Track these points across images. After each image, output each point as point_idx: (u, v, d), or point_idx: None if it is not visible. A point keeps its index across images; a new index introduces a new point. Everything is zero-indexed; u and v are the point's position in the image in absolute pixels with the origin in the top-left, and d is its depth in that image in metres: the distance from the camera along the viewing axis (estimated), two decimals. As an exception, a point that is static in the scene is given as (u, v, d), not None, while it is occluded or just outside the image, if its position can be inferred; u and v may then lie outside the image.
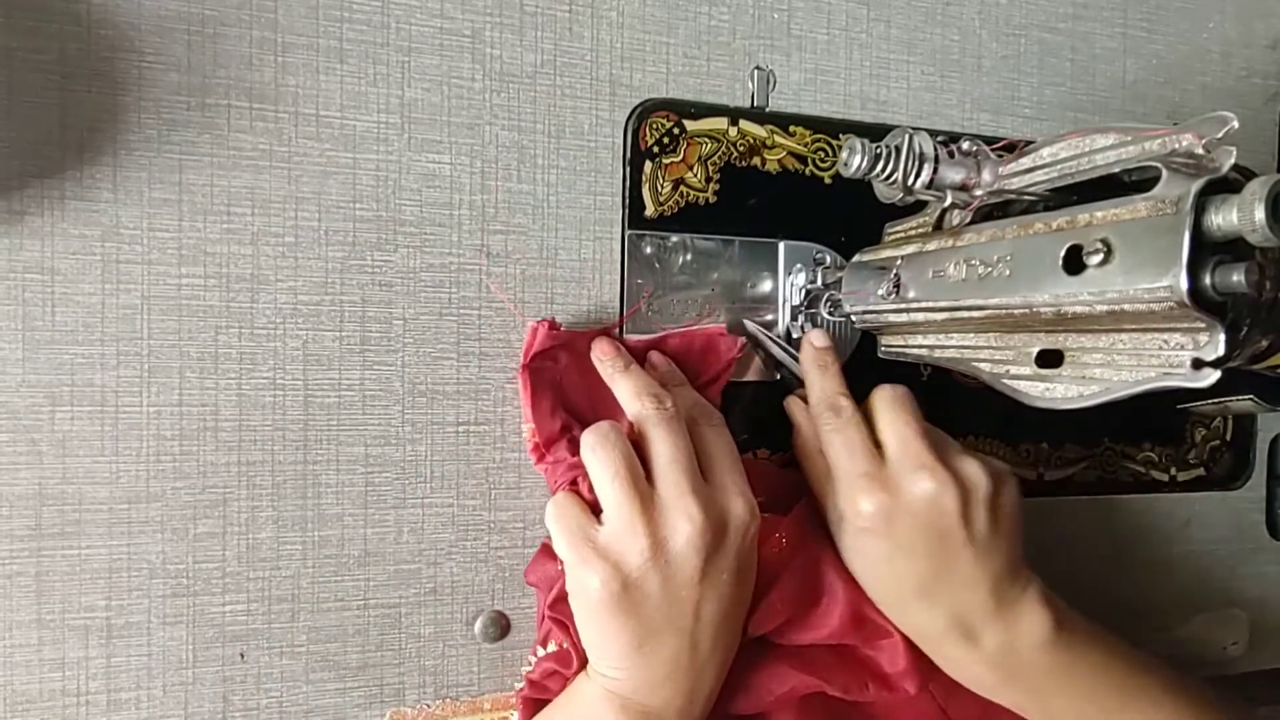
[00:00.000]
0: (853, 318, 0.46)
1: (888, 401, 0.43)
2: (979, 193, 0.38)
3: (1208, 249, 0.29)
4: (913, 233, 0.45)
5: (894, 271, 0.42)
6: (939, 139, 0.37)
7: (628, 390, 0.42)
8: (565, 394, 0.45)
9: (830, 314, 0.48)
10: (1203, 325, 0.29)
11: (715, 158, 0.48)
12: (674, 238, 0.47)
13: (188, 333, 0.41)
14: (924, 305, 0.40)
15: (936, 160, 0.37)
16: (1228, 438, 0.59)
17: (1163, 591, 0.58)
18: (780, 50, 0.49)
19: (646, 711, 0.38)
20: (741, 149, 0.48)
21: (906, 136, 0.37)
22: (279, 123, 0.41)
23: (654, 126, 0.47)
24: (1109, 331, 0.33)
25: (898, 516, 0.40)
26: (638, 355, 0.45)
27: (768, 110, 0.49)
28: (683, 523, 0.37)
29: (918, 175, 0.37)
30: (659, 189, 0.47)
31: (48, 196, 0.39)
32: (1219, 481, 0.59)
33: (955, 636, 0.41)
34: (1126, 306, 0.31)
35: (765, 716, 0.44)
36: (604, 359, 0.44)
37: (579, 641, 0.40)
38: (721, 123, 0.48)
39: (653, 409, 0.40)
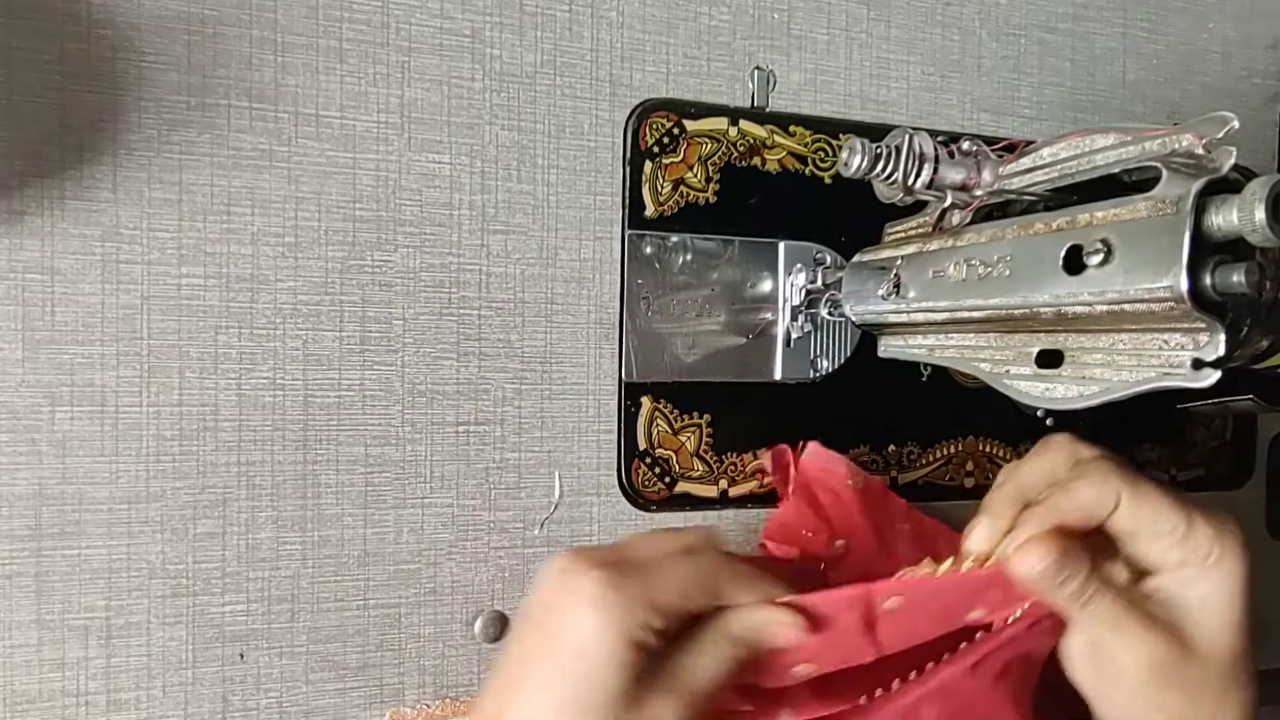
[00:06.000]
0: (853, 318, 0.46)
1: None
2: (979, 193, 0.38)
3: (1208, 249, 0.29)
4: (913, 233, 0.45)
5: (894, 271, 0.42)
6: (939, 139, 0.37)
7: None
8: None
9: (830, 314, 0.48)
10: (1203, 325, 0.29)
11: (715, 158, 0.48)
12: (674, 238, 0.47)
13: (187, 333, 0.41)
14: (924, 305, 0.40)
15: (937, 160, 0.37)
16: (1228, 438, 0.59)
17: (1163, 592, 0.58)
18: (780, 50, 0.49)
19: None
20: (741, 149, 0.48)
21: (906, 136, 0.37)
22: (279, 123, 0.41)
23: (654, 126, 0.47)
24: (1109, 331, 0.33)
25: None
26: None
27: (768, 110, 0.49)
28: None
29: (918, 175, 0.37)
30: (659, 189, 0.47)
31: (48, 196, 0.39)
32: (1219, 482, 0.59)
33: None
34: (1126, 307, 0.31)
35: None
36: None
37: None
38: (721, 123, 0.48)
39: None
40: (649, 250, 0.47)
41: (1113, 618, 0.32)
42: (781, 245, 0.49)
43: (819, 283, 0.48)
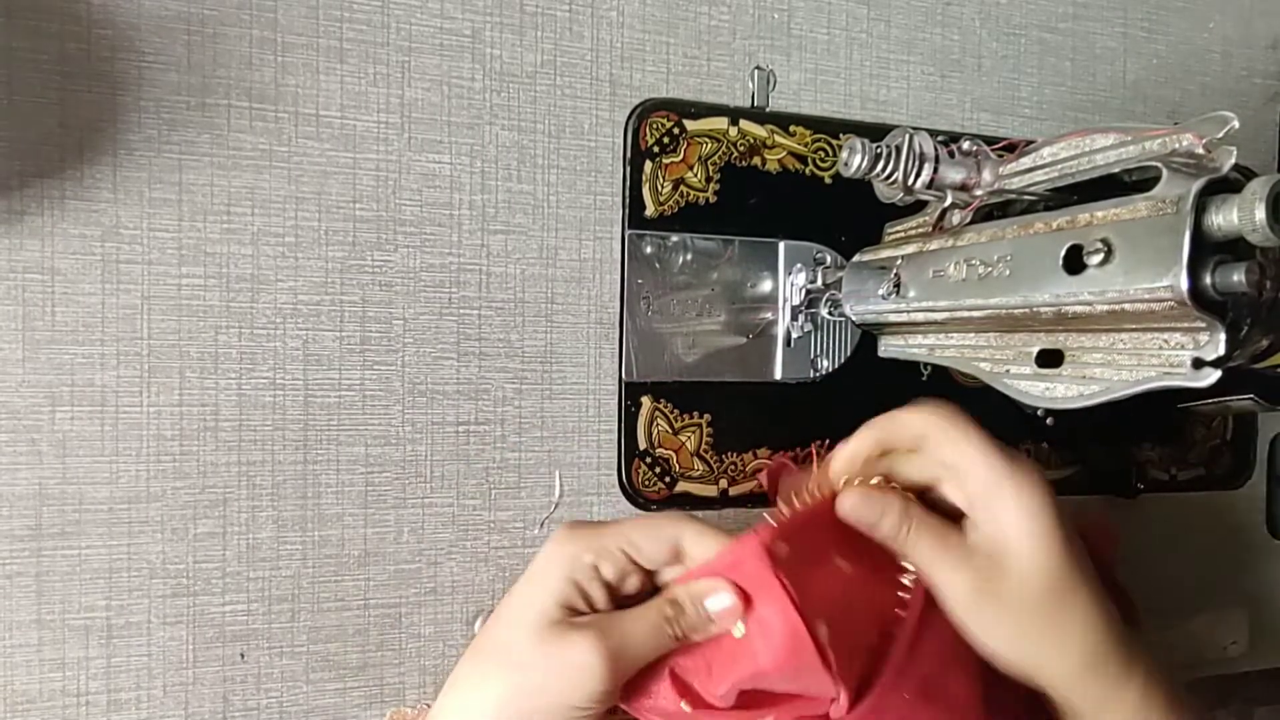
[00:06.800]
0: (853, 318, 0.46)
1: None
2: (979, 192, 0.38)
3: (1208, 249, 0.29)
4: (913, 232, 0.45)
5: (894, 271, 0.42)
6: (939, 139, 0.37)
7: None
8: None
9: (830, 314, 0.48)
10: (1203, 325, 0.29)
11: (715, 157, 0.48)
12: (674, 237, 0.47)
13: (188, 333, 0.41)
14: (924, 305, 0.40)
15: (937, 160, 0.37)
16: (1228, 437, 0.59)
17: (1163, 591, 0.58)
18: (780, 50, 0.49)
19: None
20: (742, 149, 0.48)
21: (907, 136, 0.37)
22: (279, 123, 0.41)
23: (654, 126, 0.47)
24: (1109, 331, 0.33)
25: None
26: None
27: (768, 110, 0.49)
28: None
29: (918, 175, 0.37)
30: (659, 189, 0.47)
31: (48, 196, 0.39)
32: (1219, 481, 0.59)
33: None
34: (1127, 306, 0.31)
35: None
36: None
37: None
38: (722, 122, 0.48)
39: None
40: (649, 250, 0.47)
41: (934, 552, 0.35)
42: (781, 245, 0.49)
43: (819, 282, 0.48)
